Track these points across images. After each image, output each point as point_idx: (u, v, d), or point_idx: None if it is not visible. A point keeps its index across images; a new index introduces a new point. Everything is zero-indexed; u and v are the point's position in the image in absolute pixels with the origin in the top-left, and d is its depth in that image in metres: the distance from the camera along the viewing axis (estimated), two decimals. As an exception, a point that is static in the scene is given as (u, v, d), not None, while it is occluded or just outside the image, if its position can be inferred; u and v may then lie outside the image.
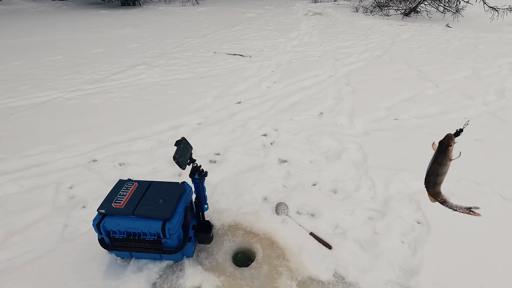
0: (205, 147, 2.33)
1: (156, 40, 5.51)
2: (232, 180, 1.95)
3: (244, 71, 3.94)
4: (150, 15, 8.21)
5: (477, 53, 4.84)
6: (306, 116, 2.82)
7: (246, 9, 9.42)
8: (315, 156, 2.23)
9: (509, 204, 1.77)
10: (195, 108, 2.95)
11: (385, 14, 8.43)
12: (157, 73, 3.85)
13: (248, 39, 5.69)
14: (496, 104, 3.04)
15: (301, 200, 1.78)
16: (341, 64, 4.25)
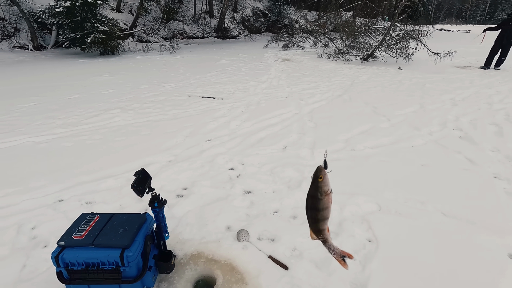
0: (173, 183, 2.42)
1: (132, 85, 5.77)
2: (197, 212, 2.04)
3: (216, 112, 4.20)
4: (128, 63, 8.61)
5: (424, 91, 5.47)
6: (271, 150, 3.03)
7: (221, 56, 10.14)
8: (278, 186, 2.38)
9: (448, 220, 1.97)
10: (166, 147, 3.08)
11: (346, 59, 9.38)
12: (130, 116, 4.01)
13: (221, 83, 6.10)
14: (439, 133, 3.42)
15: (262, 227, 1.89)
16: (305, 103, 4.64)
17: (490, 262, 1.62)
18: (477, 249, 1.72)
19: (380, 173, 2.56)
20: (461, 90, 5.53)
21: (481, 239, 1.78)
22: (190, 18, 16.76)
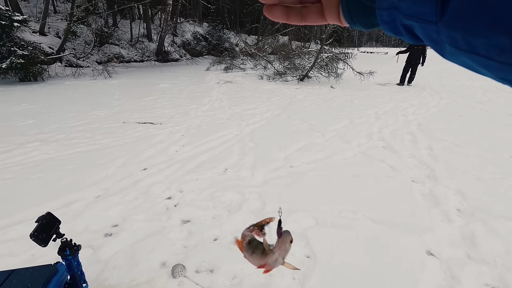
0: (101, 221, 2.17)
1: (57, 114, 5.21)
2: (127, 251, 1.85)
3: (153, 138, 4.00)
4: (54, 90, 7.82)
5: (353, 106, 6.04)
6: (212, 174, 2.96)
7: (160, 80, 9.87)
8: (218, 211, 2.31)
9: (377, 226, 2.12)
10: (94, 181, 2.79)
11: (284, 80, 9.94)
12: (53, 148, 3.58)
13: (160, 107, 5.89)
14: (366, 145, 3.77)
15: (201, 258, 1.79)
16: (246, 124, 4.72)
17: (412, 261, 1.77)
18: (401, 250, 1.87)
19: (316, 188, 2.68)
20: (383, 105, 6.25)
21: (404, 240, 1.95)
22: (127, 41, 16.16)
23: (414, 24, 0.22)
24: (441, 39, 0.21)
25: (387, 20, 0.24)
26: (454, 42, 0.20)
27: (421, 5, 0.20)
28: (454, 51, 0.20)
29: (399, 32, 0.25)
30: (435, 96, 7.39)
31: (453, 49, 0.20)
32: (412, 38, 0.24)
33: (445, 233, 2.03)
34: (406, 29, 0.24)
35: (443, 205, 2.38)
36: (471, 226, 2.10)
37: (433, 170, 3.01)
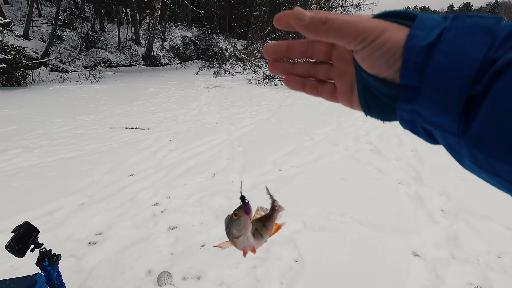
0: (85, 229, 2.12)
1: (41, 120, 5.08)
2: (112, 259, 1.80)
3: (140, 143, 3.94)
4: (38, 95, 7.63)
5: (340, 110, 6.12)
6: (200, 179, 2.94)
7: (149, 85, 9.78)
8: (206, 217, 2.28)
9: (364, 228, 2.14)
10: (78, 188, 2.72)
11: (273, 84, 10.01)
12: (36, 155, 3.48)
13: (148, 112, 5.83)
14: (354, 148, 3.82)
15: (187, 265, 1.76)
16: (235, 128, 4.71)
17: (398, 262, 1.79)
18: (388, 251, 1.89)
19: (304, 191, 2.69)
20: (370, 108, 6.35)
21: (390, 242, 1.97)
22: (114, 46, 15.98)
23: (435, 130, 0.22)
24: (462, 151, 0.21)
25: (407, 120, 0.24)
26: (475, 160, 0.20)
27: (443, 118, 0.21)
28: (475, 167, 0.21)
29: (417, 132, 0.25)
30: (420, 99, 7.57)
31: (474, 166, 0.21)
32: (431, 140, 0.25)
33: (430, 233, 2.07)
34: (425, 132, 0.24)
35: (428, 206, 2.42)
36: (455, 226, 2.14)
37: (418, 172, 3.07)
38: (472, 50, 0.19)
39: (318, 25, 0.25)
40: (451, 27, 0.21)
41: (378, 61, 0.24)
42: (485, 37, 0.19)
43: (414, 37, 0.22)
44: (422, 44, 0.21)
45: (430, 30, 0.22)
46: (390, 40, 0.23)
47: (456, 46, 0.20)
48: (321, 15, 0.25)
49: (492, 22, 0.20)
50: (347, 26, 0.24)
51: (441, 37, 0.21)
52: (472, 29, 0.20)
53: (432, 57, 0.21)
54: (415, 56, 0.21)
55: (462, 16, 0.21)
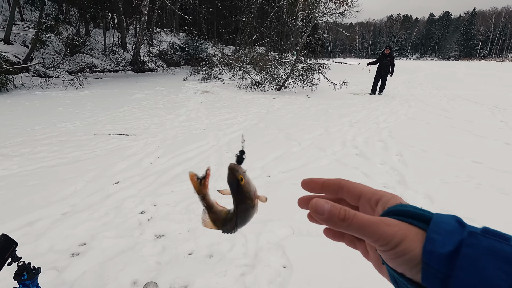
0: (67, 240, 2.05)
1: (22, 127, 4.92)
2: (95, 271, 1.75)
3: (126, 150, 3.87)
4: (20, 101, 7.39)
5: (327, 115, 6.22)
6: (187, 185, 2.90)
7: (135, 90, 9.65)
8: (193, 224, 2.25)
9: (351, 232, 2.16)
10: (60, 197, 2.64)
11: (261, 90, 10.07)
12: (16, 163, 3.36)
13: (135, 118, 5.74)
14: (341, 152, 3.87)
15: (174, 274, 1.73)
16: (223, 134, 4.70)
17: (385, 266, 1.81)
18: (375, 255, 1.91)
19: (292, 196, 2.69)
20: (356, 113, 6.48)
21: (377, 246, 2.00)
22: (100, 51, 15.72)
23: None
24: None
25: None
26: None
27: None
28: None
29: None
30: (405, 104, 7.79)
31: None
32: None
33: (415, 236, 2.11)
34: None
35: (412, 209, 2.47)
36: (439, 229, 2.19)
37: (403, 176, 3.14)
38: (497, 279, 0.20)
39: (337, 221, 0.26)
40: (469, 243, 0.22)
41: (400, 266, 0.25)
42: (507, 266, 0.20)
43: (432, 241, 0.23)
44: (442, 252, 0.22)
45: (447, 235, 0.23)
46: (411, 250, 0.24)
47: (477, 267, 0.21)
48: (340, 212, 0.27)
49: (510, 250, 0.21)
50: (367, 228, 0.25)
51: (460, 251, 0.22)
52: (492, 253, 0.21)
53: (455, 270, 0.21)
54: (436, 263, 0.22)
55: (479, 233, 0.22)
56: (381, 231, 0.25)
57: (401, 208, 0.27)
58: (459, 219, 0.25)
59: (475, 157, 3.70)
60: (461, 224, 0.24)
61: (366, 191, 0.32)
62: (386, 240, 0.25)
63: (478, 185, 2.93)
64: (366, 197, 0.31)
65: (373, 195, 0.31)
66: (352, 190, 0.33)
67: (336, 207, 0.27)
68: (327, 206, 0.28)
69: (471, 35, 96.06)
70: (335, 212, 0.27)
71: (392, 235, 0.24)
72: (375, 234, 0.25)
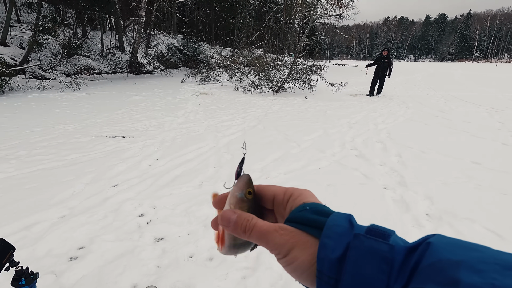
0: (65, 243, 2.02)
1: (19, 129, 4.87)
2: (94, 275, 1.72)
3: (125, 152, 3.84)
4: (16, 103, 7.34)
5: (326, 117, 6.22)
6: (187, 188, 2.88)
7: (133, 92, 9.61)
8: (193, 227, 2.23)
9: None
10: (58, 200, 2.60)
11: (260, 91, 10.07)
12: (12, 166, 3.32)
13: (133, 120, 5.71)
14: (340, 154, 3.87)
15: (175, 278, 1.70)
16: (222, 136, 4.68)
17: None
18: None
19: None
20: (354, 115, 6.49)
21: (379, 247, 1.98)
22: (97, 53, 15.67)
23: None
24: None
25: None
26: None
27: None
28: None
29: None
30: (402, 105, 7.82)
31: None
32: None
33: (416, 238, 2.10)
34: None
35: (413, 210, 2.47)
36: (440, 230, 2.19)
37: (402, 177, 3.13)
38: (374, 279, 0.21)
39: (241, 232, 0.28)
40: (353, 245, 0.23)
41: (293, 274, 0.26)
42: (383, 265, 0.21)
43: (324, 247, 0.24)
44: (332, 257, 0.23)
45: (338, 238, 0.24)
46: (297, 258, 0.25)
47: (359, 269, 0.22)
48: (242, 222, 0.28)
49: (386, 249, 0.22)
50: (264, 237, 0.26)
51: (347, 255, 0.23)
52: (371, 254, 0.22)
53: (342, 274, 0.22)
54: (327, 269, 0.23)
55: (361, 235, 0.23)
56: (275, 240, 0.26)
57: (299, 215, 0.27)
58: (351, 219, 0.25)
59: (474, 158, 3.71)
60: (351, 225, 0.25)
61: (278, 192, 0.32)
62: (278, 249, 0.26)
63: (478, 186, 2.93)
64: (278, 198, 0.31)
65: (285, 195, 0.31)
66: (265, 194, 0.32)
67: (241, 218, 0.28)
68: (233, 217, 0.28)
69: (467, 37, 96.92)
70: (239, 223, 0.28)
71: (283, 244, 0.25)
72: (270, 243, 0.26)
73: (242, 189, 0.32)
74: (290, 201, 0.30)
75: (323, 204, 0.29)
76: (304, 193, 0.30)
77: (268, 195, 0.32)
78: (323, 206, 0.28)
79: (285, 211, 0.30)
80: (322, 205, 0.29)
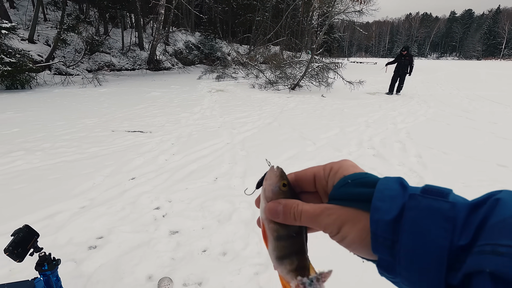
0: (85, 232, 2.10)
1: (44, 123, 5.09)
2: (112, 264, 1.78)
3: (142, 147, 3.93)
4: (42, 98, 7.67)
5: (343, 115, 6.11)
6: (202, 183, 2.91)
7: (151, 88, 9.82)
8: (207, 222, 2.26)
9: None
10: (79, 191, 2.70)
11: (275, 89, 10.02)
12: (37, 157, 3.48)
13: (151, 116, 5.83)
14: (357, 153, 3.79)
15: (188, 270, 1.73)
16: (237, 132, 4.70)
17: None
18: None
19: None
20: (372, 113, 6.34)
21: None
22: (118, 50, 16.09)
23: None
24: None
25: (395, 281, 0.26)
26: None
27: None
28: None
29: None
30: (423, 105, 7.55)
31: None
32: None
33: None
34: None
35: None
36: (461, 234, 2.10)
37: (422, 178, 3.03)
38: (437, 236, 0.21)
39: (292, 221, 0.28)
40: (410, 206, 0.23)
41: (348, 248, 0.27)
42: (446, 223, 0.21)
43: (377, 210, 0.24)
44: (387, 218, 0.23)
45: (391, 201, 0.24)
46: (348, 234, 0.26)
47: (419, 228, 0.22)
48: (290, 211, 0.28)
49: (447, 206, 0.22)
50: (313, 220, 0.27)
51: (403, 215, 0.23)
52: (431, 213, 0.22)
53: (399, 235, 0.22)
54: (382, 230, 0.23)
55: (418, 195, 0.23)
56: (324, 221, 0.27)
57: (341, 191, 0.27)
58: (402, 181, 0.25)
59: (500, 160, 3.53)
60: (403, 187, 0.24)
61: (317, 170, 0.31)
62: (329, 228, 0.26)
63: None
64: (319, 177, 0.31)
65: (324, 171, 0.31)
66: (305, 178, 0.32)
67: (288, 206, 0.29)
68: (280, 207, 0.29)
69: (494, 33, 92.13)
70: (287, 211, 0.28)
71: (331, 223, 0.26)
72: (320, 224, 0.27)
73: (276, 182, 0.31)
74: (330, 176, 0.30)
75: (365, 172, 0.28)
76: (344, 165, 0.30)
77: (308, 178, 0.32)
78: (365, 175, 0.27)
79: (327, 187, 0.30)
80: (364, 174, 0.27)
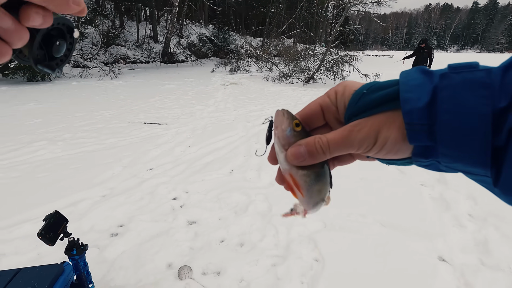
0: (107, 220, 2.16)
1: (64, 114, 5.24)
2: (133, 251, 1.83)
3: (159, 138, 3.99)
4: (61, 90, 7.89)
5: (359, 109, 5.99)
6: (218, 175, 2.94)
7: (166, 81, 9.92)
8: (224, 213, 2.28)
9: (386, 230, 2.08)
10: (100, 180, 2.78)
11: (289, 82, 9.93)
12: (59, 147, 3.59)
13: (166, 108, 5.90)
14: (373, 147, 3.72)
15: (207, 260, 1.76)
16: (252, 125, 4.70)
17: (423, 266, 1.72)
18: (412, 254, 1.82)
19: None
20: (389, 107, 6.18)
21: (414, 245, 1.90)
22: (133, 43, 16.30)
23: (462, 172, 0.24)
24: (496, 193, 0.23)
25: (427, 166, 0.26)
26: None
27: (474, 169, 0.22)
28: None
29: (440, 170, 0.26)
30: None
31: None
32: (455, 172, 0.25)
33: (457, 238, 1.98)
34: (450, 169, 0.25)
35: (454, 209, 2.33)
36: (484, 232, 2.04)
37: (442, 174, 2.95)
38: (478, 106, 0.21)
39: (320, 156, 0.27)
40: (444, 85, 0.22)
41: (389, 155, 0.26)
42: (484, 91, 0.21)
43: (407, 101, 0.23)
44: (419, 105, 0.22)
45: (418, 89, 0.23)
46: (388, 137, 0.25)
47: (459, 104, 0.21)
48: (316, 147, 0.27)
49: (482, 74, 0.21)
50: (344, 144, 0.26)
51: (437, 97, 0.22)
52: (468, 85, 0.21)
53: (437, 117, 0.22)
54: (418, 118, 0.23)
55: (449, 73, 0.22)
56: (357, 138, 0.25)
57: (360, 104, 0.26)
58: (424, 69, 0.24)
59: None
60: (427, 73, 0.24)
61: (322, 100, 0.30)
62: (366, 142, 0.25)
63: (529, 188, 2.68)
64: (326, 106, 0.29)
65: (330, 98, 0.29)
66: (312, 113, 0.30)
67: (310, 143, 0.27)
68: (302, 148, 0.27)
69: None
70: (312, 149, 0.27)
71: (366, 136, 0.25)
72: (354, 143, 0.25)
73: (288, 124, 0.28)
74: (339, 99, 0.28)
75: (375, 81, 0.27)
76: (348, 84, 0.29)
77: (315, 111, 0.30)
78: (377, 82, 0.27)
79: (339, 113, 0.28)
80: (375, 82, 0.27)
